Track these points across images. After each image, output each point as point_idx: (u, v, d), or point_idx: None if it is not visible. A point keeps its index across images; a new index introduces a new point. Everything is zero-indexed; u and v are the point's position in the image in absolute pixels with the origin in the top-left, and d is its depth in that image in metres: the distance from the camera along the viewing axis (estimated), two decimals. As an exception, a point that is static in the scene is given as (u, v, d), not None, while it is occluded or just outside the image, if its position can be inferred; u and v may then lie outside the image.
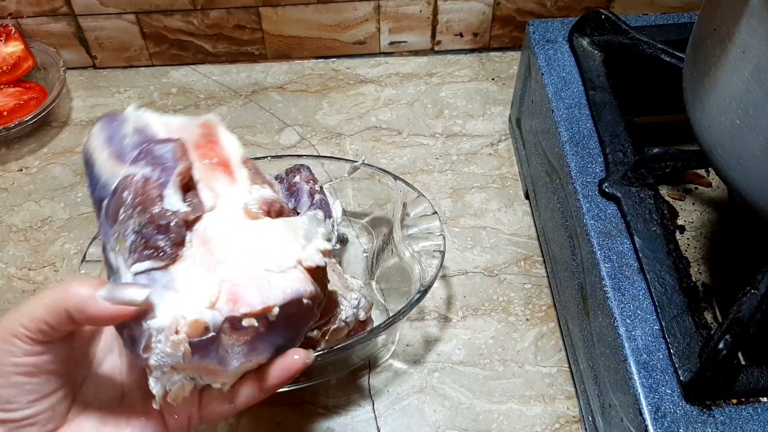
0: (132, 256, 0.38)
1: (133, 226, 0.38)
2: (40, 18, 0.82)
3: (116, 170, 0.41)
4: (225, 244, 0.39)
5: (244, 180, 0.42)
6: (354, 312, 0.54)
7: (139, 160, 0.40)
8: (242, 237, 0.39)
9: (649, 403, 0.44)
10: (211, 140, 0.44)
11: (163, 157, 0.40)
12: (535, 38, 0.67)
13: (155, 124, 0.43)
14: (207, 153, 0.43)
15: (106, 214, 0.40)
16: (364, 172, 0.64)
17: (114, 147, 0.42)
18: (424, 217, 0.61)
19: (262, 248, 0.39)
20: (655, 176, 0.54)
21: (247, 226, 0.40)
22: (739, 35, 0.43)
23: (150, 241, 0.38)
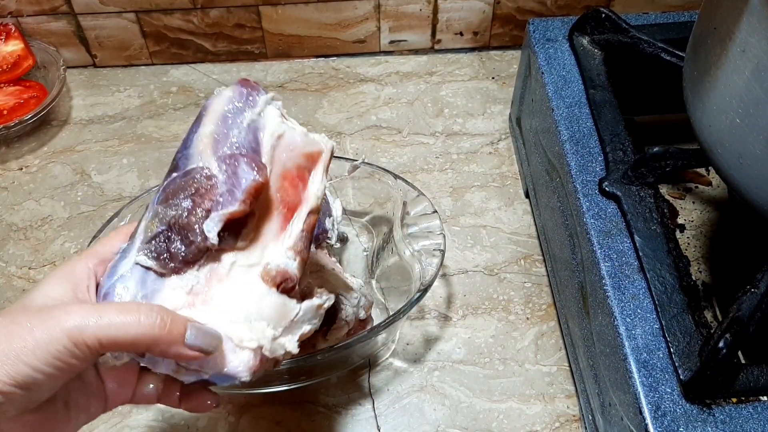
0: (147, 246, 0.39)
1: (171, 218, 0.39)
2: (40, 17, 0.82)
3: (206, 152, 0.41)
4: (223, 288, 0.39)
5: (290, 238, 0.41)
6: (354, 311, 0.54)
7: (225, 163, 0.40)
8: (241, 292, 0.39)
9: (649, 401, 0.44)
10: (302, 175, 0.43)
11: (240, 181, 0.39)
12: (536, 37, 0.67)
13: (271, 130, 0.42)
14: (287, 189, 0.42)
15: (167, 187, 0.40)
16: (364, 170, 0.64)
17: (221, 128, 0.41)
18: (425, 216, 0.61)
19: (244, 313, 0.39)
20: (656, 175, 0.54)
21: (252, 284, 0.40)
22: (739, 34, 0.43)
23: (170, 243, 0.38)
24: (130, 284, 0.39)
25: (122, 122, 0.81)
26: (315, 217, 0.42)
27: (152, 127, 0.80)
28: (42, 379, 0.34)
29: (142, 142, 0.79)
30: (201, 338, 0.36)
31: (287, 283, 0.40)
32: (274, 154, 0.42)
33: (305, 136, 0.43)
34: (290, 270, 0.40)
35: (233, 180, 0.39)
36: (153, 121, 0.81)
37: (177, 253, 0.39)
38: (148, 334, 0.35)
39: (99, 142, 0.79)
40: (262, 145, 0.42)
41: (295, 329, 0.41)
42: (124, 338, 0.34)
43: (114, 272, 0.40)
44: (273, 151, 0.42)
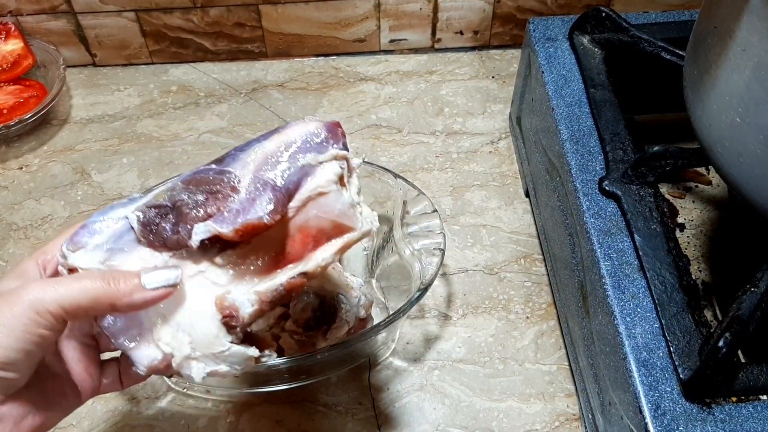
0: (145, 210, 0.40)
1: (179, 200, 0.39)
2: (39, 16, 0.82)
3: (251, 165, 0.41)
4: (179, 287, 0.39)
5: (264, 284, 0.40)
6: (354, 310, 0.54)
7: (255, 185, 0.40)
8: (191, 299, 0.39)
9: (649, 401, 0.44)
10: (319, 238, 0.41)
11: (250, 210, 0.39)
12: (536, 36, 0.67)
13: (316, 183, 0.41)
14: (296, 242, 0.41)
15: (200, 172, 0.41)
16: (364, 170, 0.64)
17: (279, 154, 0.41)
18: (425, 215, 0.61)
19: (180, 319, 0.39)
20: (656, 174, 0.54)
21: (204, 300, 0.39)
22: (739, 33, 0.43)
23: (163, 220, 0.39)
24: (108, 229, 0.40)
25: (122, 121, 0.81)
26: (302, 282, 0.40)
27: (152, 127, 0.80)
28: (19, 358, 0.35)
29: (142, 141, 0.79)
30: (157, 276, 0.38)
31: (231, 320, 0.39)
32: (307, 205, 0.41)
33: (350, 208, 0.42)
34: (242, 311, 0.39)
35: (247, 205, 0.39)
36: (153, 120, 0.81)
37: (162, 232, 0.39)
38: (106, 291, 0.36)
39: (99, 142, 0.79)
40: (300, 191, 0.41)
41: (212, 362, 0.40)
42: (85, 300, 0.36)
43: (107, 212, 0.41)
44: (307, 202, 0.41)
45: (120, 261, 0.39)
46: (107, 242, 0.40)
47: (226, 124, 0.80)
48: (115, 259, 0.39)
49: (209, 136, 0.79)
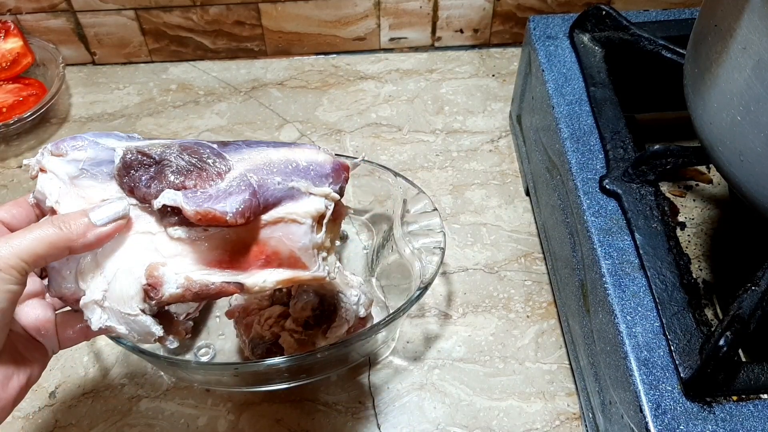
0: (133, 154, 0.40)
1: (166, 159, 0.40)
2: (39, 14, 0.82)
3: (248, 162, 0.42)
4: (126, 235, 0.39)
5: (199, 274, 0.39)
6: (354, 309, 0.54)
7: (240, 181, 0.40)
8: (129, 250, 0.39)
9: (650, 399, 0.44)
10: (270, 259, 0.41)
11: (221, 202, 0.39)
12: (536, 34, 0.67)
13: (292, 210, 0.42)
14: (248, 252, 0.41)
15: (203, 146, 0.42)
16: (364, 168, 0.64)
17: (280, 166, 0.42)
18: (425, 214, 0.60)
19: (109, 263, 0.39)
20: (656, 173, 0.54)
21: (139, 258, 0.39)
22: (740, 31, 0.43)
23: (144, 169, 0.40)
24: (92, 152, 0.41)
25: (121, 120, 0.81)
26: (234, 291, 0.40)
27: (152, 125, 0.80)
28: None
29: (142, 139, 0.79)
30: (105, 212, 0.38)
31: (152, 290, 0.39)
32: (277, 225, 0.41)
33: (312, 248, 0.42)
34: (165, 287, 0.39)
35: (222, 195, 0.39)
36: (152, 119, 0.81)
37: (137, 179, 0.40)
38: (60, 235, 0.37)
39: (98, 140, 0.79)
40: (277, 208, 0.41)
41: (114, 318, 0.39)
42: (41, 249, 0.37)
43: (101, 136, 0.42)
44: (278, 222, 0.41)
45: (86, 185, 0.40)
46: (85, 162, 0.40)
47: (225, 123, 0.80)
48: (82, 182, 0.40)
49: (209, 135, 0.79)
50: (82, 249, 0.38)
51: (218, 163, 0.40)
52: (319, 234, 0.42)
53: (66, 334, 0.44)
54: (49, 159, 0.40)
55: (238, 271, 0.40)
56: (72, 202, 0.39)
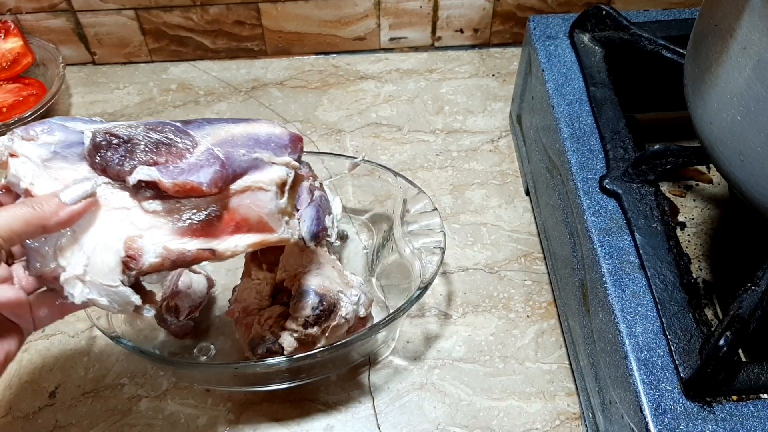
0: (103, 134, 0.42)
1: (135, 138, 0.42)
2: (39, 14, 0.82)
3: (212, 138, 0.44)
4: (101, 210, 0.41)
5: (176, 243, 0.42)
6: (354, 308, 0.54)
7: (208, 155, 0.43)
8: (105, 225, 0.41)
9: (650, 399, 0.44)
10: (240, 226, 0.44)
11: (194, 175, 0.42)
12: (536, 34, 0.67)
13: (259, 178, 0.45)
14: (219, 220, 0.43)
15: (168, 125, 0.44)
16: (364, 168, 0.64)
17: (243, 139, 0.45)
18: (425, 214, 0.60)
19: (86, 237, 0.41)
20: (656, 173, 0.54)
21: (117, 232, 0.41)
22: (740, 31, 0.43)
23: (115, 148, 0.41)
24: (62, 135, 0.42)
25: (122, 120, 0.81)
26: (209, 257, 0.43)
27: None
28: None
29: (142, 139, 0.79)
30: (74, 191, 0.40)
31: (132, 261, 0.41)
32: (244, 193, 0.44)
33: (278, 213, 0.45)
34: (144, 258, 0.41)
35: (193, 168, 0.42)
36: (153, 119, 0.81)
37: (108, 158, 0.42)
38: (34, 214, 0.39)
39: (98, 140, 0.79)
40: (244, 177, 0.44)
41: (96, 291, 0.41)
42: (17, 226, 0.38)
43: (68, 120, 0.43)
44: (245, 191, 0.44)
45: (58, 167, 0.41)
46: (56, 145, 0.42)
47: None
48: (54, 164, 0.41)
49: (209, 135, 0.79)
50: (55, 227, 0.40)
51: (185, 139, 0.43)
52: (282, 199, 0.46)
53: (40, 314, 0.45)
54: (20, 144, 0.42)
55: (211, 239, 0.43)
56: (46, 184, 0.41)
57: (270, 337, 0.52)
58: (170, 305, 0.59)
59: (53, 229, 0.40)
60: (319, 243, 0.58)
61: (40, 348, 0.62)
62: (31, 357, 0.62)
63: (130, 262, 0.41)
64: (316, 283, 0.53)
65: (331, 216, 0.60)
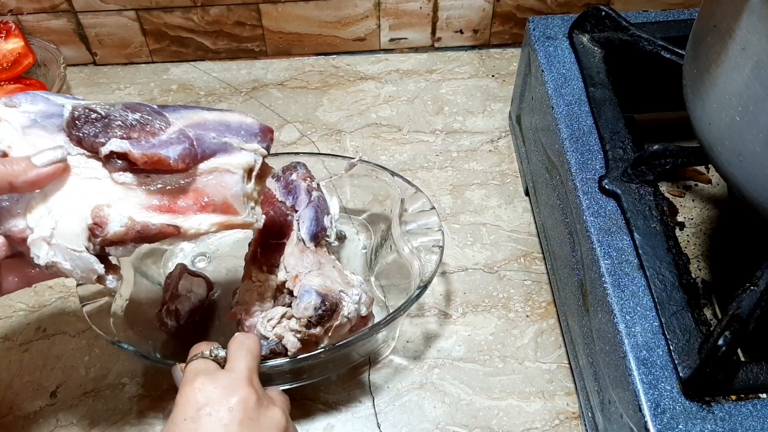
0: (82, 109, 0.44)
1: (111, 115, 0.44)
2: (40, 15, 0.82)
3: (185, 120, 0.46)
4: (72, 178, 0.43)
5: (140, 216, 0.44)
6: (356, 308, 0.54)
7: (179, 134, 0.45)
8: (75, 192, 0.43)
9: (649, 399, 0.44)
10: (205, 206, 0.46)
11: (164, 149, 0.44)
12: (536, 35, 0.67)
13: (225, 161, 0.47)
14: (185, 196, 0.45)
15: (146, 106, 0.46)
16: (362, 168, 0.64)
17: (214, 125, 0.47)
18: (423, 213, 0.61)
19: (56, 201, 0.43)
20: (655, 173, 0.54)
21: (85, 198, 0.43)
22: (739, 32, 0.43)
23: (92, 123, 0.43)
24: (44, 106, 0.44)
25: (122, 120, 0.81)
26: (172, 233, 0.44)
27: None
28: None
29: (143, 139, 0.79)
30: (45, 156, 0.42)
31: (97, 228, 0.43)
32: (212, 173, 0.46)
33: (243, 196, 0.47)
34: (110, 226, 0.43)
35: (164, 144, 0.44)
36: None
37: (84, 130, 0.43)
38: (3, 171, 0.41)
39: (99, 140, 0.79)
40: (212, 159, 0.46)
41: (60, 254, 0.43)
42: None
43: (51, 95, 0.46)
44: (213, 171, 0.46)
45: (36, 134, 0.43)
46: (37, 115, 0.44)
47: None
48: (33, 131, 0.43)
49: (209, 135, 0.79)
50: (23, 186, 0.41)
51: (159, 120, 0.45)
52: (249, 184, 0.48)
53: (8, 280, 0.47)
54: (2, 109, 0.44)
55: (176, 215, 0.45)
56: (22, 149, 0.43)
57: (273, 339, 0.52)
58: (170, 309, 0.58)
59: (22, 188, 0.42)
60: (319, 243, 0.58)
61: (41, 347, 0.62)
62: (32, 356, 0.62)
63: (95, 229, 0.43)
64: (318, 283, 0.53)
65: (329, 216, 0.60)
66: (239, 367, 0.46)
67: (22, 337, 0.63)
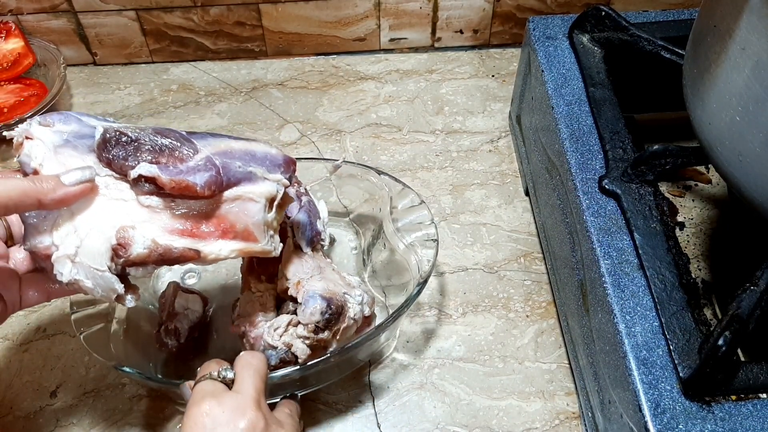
0: (114, 132, 0.45)
1: (141, 138, 0.45)
2: (40, 15, 0.82)
3: (212, 148, 0.47)
4: (100, 199, 0.44)
5: (164, 238, 0.45)
6: (360, 308, 0.54)
7: (206, 161, 0.46)
8: (102, 211, 0.44)
9: (649, 399, 0.44)
10: (227, 231, 0.47)
11: (192, 176, 0.45)
12: (536, 35, 0.67)
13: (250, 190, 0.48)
14: (208, 222, 0.46)
15: (173, 132, 0.47)
16: (347, 169, 0.64)
17: (240, 154, 0.48)
18: (413, 208, 0.61)
19: (84, 219, 0.44)
20: (655, 173, 0.54)
21: (112, 219, 0.44)
22: (739, 32, 0.43)
23: (123, 146, 0.44)
24: (76, 126, 0.45)
25: (122, 120, 0.81)
26: (193, 257, 0.45)
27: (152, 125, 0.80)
28: None
29: (143, 140, 0.79)
30: (74, 175, 0.43)
31: (121, 249, 0.43)
32: (235, 201, 0.47)
33: (264, 224, 0.48)
34: (133, 248, 0.44)
35: (191, 171, 0.45)
36: (153, 119, 0.81)
37: (115, 153, 0.44)
38: (33, 187, 0.41)
39: (99, 140, 0.79)
40: (236, 187, 0.47)
41: (83, 272, 0.43)
42: (15, 194, 0.41)
43: (85, 116, 0.47)
44: (236, 199, 0.47)
45: (67, 154, 0.44)
46: (69, 134, 0.45)
47: (226, 123, 0.81)
48: (64, 151, 0.44)
49: (209, 135, 0.79)
50: (51, 204, 0.42)
51: (187, 146, 0.46)
52: (270, 213, 0.49)
53: (28, 294, 0.48)
54: (36, 128, 0.44)
55: (198, 240, 0.46)
56: (53, 167, 0.44)
57: (282, 347, 0.52)
58: (169, 328, 0.58)
59: (49, 205, 0.42)
60: (315, 248, 0.58)
61: (42, 347, 0.62)
62: (32, 356, 0.62)
63: (119, 250, 0.43)
64: (321, 287, 0.53)
65: (321, 220, 0.60)
66: (246, 389, 0.46)
67: (22, 337, 0.63)
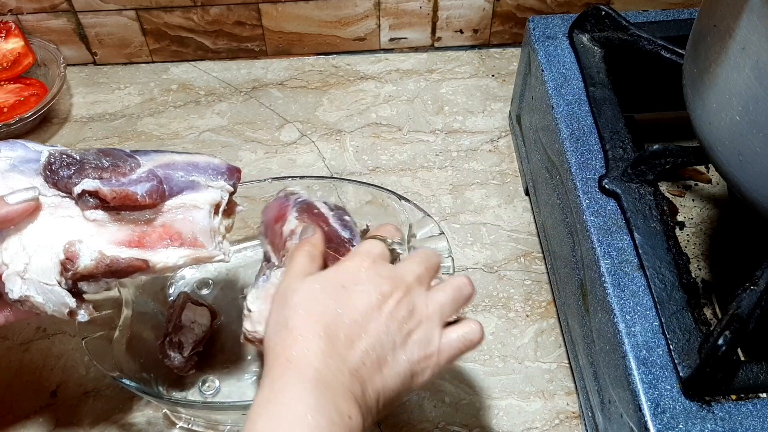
0: (54, 153, 0.47)
1: (86, 159, 0.47)
2: (40, 14, 0.82)
3: (157, 162, 0.49)
4: (46, 217, 0.45)
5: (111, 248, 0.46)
6: None
7: (149, 174, 0.48)
8: (50, 228, 0.45)
9: (649, 398, 0.44)
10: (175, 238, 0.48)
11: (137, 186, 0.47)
12: (536, 34, 0.67)
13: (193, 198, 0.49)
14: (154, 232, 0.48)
15: (120, 153, 0.49)
16: (367, 193, 0.62)
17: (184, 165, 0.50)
18: (431, 238, 0.58)
19: (31, 236, 0.45)
20: (655, 172, 0.54)
21: (59, 235, 0.45)
22: (739, 32, 0.43)
23: (68, 167, 0.46)
24: (22, 152, 0.47)
25: (122, 120, 0.81)
26: (142, 267, 0.46)
27: (152, 125, 0.80)
28: None
29: (143, 139, 0.79)
30: (18, 195, 0.44)
31: (68, 263, 0.45)
32: (180, 209, 0.48)
33: (211, 231, 0.49)
34: (81, 261, 0.45)
35: (133, 183, 0.47)
36: (153, 119, 0.81)
37: (60, 173, 0.46)
38: None
39: (99, 140, 0.79)
40: (180, 196, 0.48)
41: (34, 288, 0.44)
42: None
43: (31, 143, 0.48)
44: (180, 207, 0.48)
45: (14, 178, 0.46)
46: (15, 159, 0.47)
47: (226, 123, 0.81)
48: (11, 175, 0.46)
49: (209, 135, 0.79)
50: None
51: (130, 161, 0.48)
52: (216, 219, 0.50)
53: None
54: None
55: (145, 249, 0.47)
56: (0, 191, 0.45)
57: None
58: (173, 341, 0.57)
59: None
60: None
61: (41, 347, 0.62)
62: (32, 356, 0.62)
63: (67, 263, 0.45)
64: None
65: None
66: (407, 270, 0.46)
67: (22, 337, 0.63)
